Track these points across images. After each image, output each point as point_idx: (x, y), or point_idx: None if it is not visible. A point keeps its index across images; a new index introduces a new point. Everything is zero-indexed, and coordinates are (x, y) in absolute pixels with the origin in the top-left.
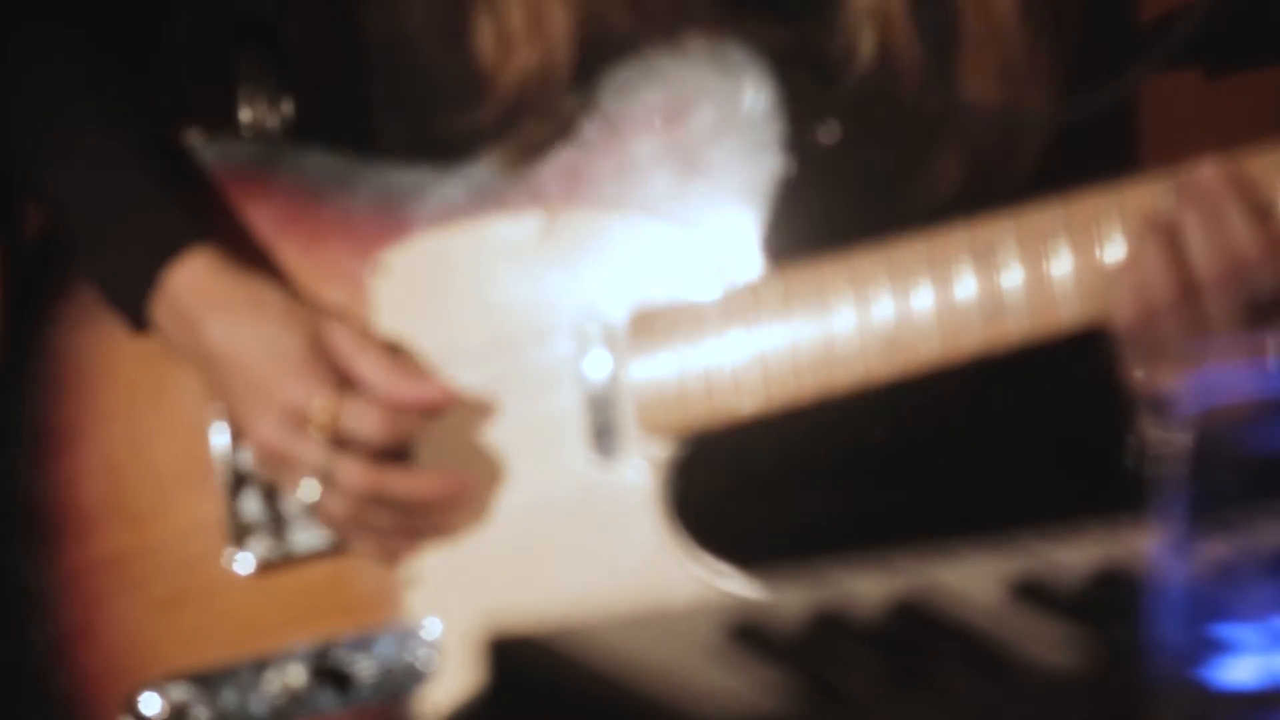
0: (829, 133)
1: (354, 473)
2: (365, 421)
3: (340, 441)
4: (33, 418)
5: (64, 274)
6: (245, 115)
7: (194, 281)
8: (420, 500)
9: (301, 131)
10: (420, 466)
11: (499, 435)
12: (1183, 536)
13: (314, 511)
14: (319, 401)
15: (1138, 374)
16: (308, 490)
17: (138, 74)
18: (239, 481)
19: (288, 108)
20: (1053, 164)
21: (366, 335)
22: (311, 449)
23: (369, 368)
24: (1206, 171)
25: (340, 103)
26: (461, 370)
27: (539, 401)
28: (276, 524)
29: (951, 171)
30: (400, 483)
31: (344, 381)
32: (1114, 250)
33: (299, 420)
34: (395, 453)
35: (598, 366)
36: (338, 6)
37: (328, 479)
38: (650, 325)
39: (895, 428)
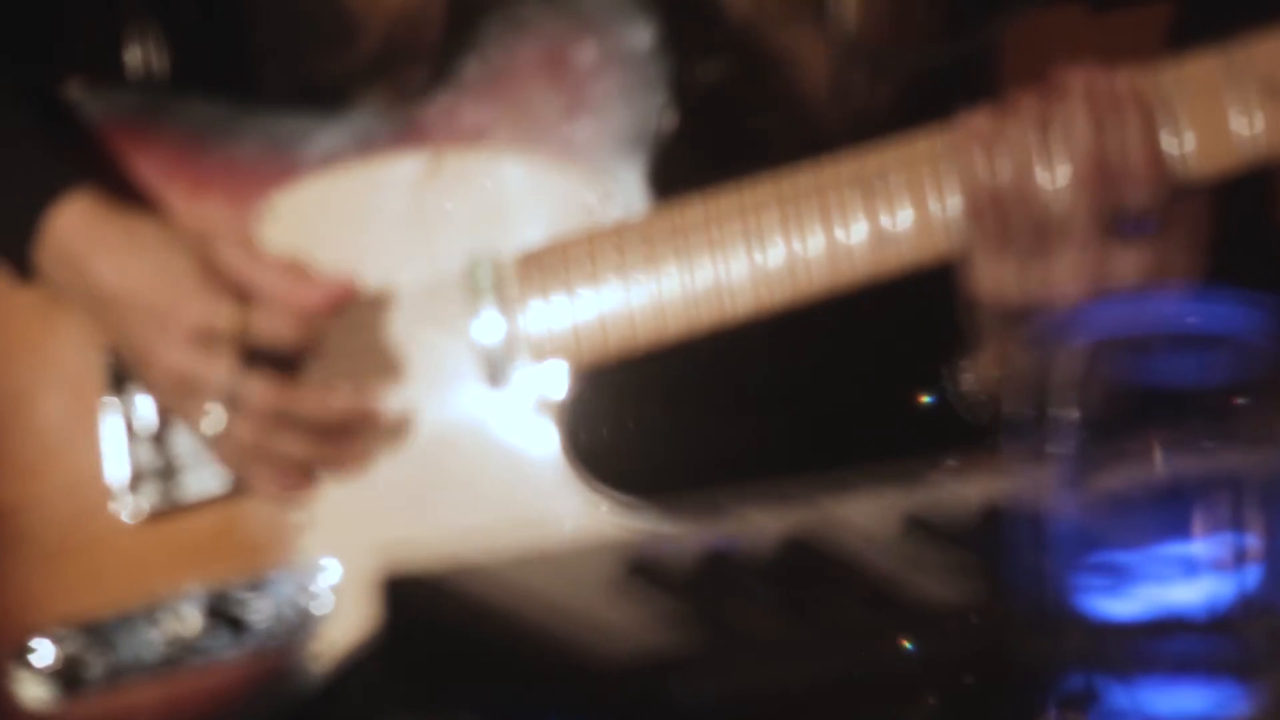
0: (711, 70)
1: (263, 391)
2: (275, 326)
3: (248, 359)
4: None
5: None
6: (131, 60)
7: (76, 224)
8: (330, 416)
9: (184, 80)
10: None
11: (393, 376)
12: (1065, 469)
13: (218, 446)
14: (225, 313)
15: (984, 279)
16: (213, 421)
17: (12, 26)
18: (128, 429)
19: (167, 57)
20: (931, 98)
21: (256, 246)
22: (221, 368)
23: (266, 275)
24: (1103, 74)
25: (221, 50)
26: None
27: (432, 341)
28: (166, 471)
29: (832, 108)
30: (309, 399)
31: (243, 294)
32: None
33: (206, 339)
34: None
35: (490, 305)
36: None
37: (235, 401)
38: (539, 264)
39: (784, 358)
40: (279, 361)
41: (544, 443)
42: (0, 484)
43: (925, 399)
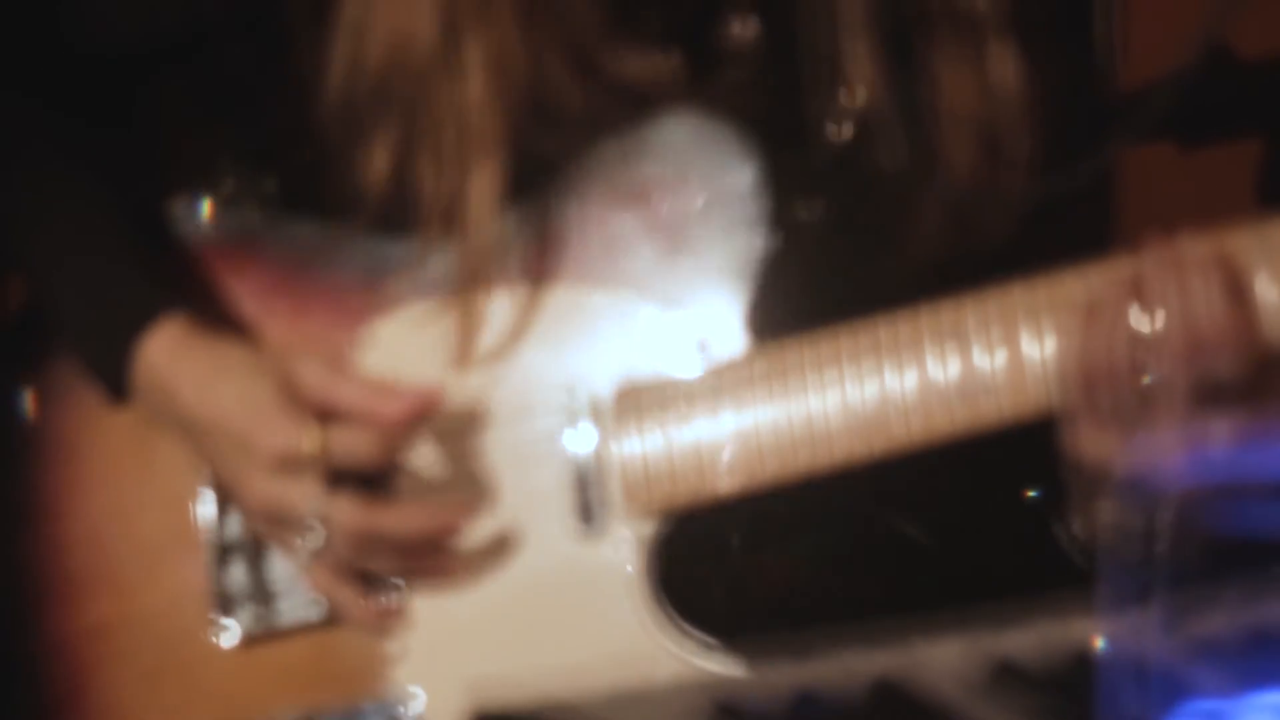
0: (811, 209)
1: (349, 511)
2: (356, 443)
3: (334, 480)
4: (19, 489)
5: (48, 346)
6: (227, 186)
7: (167, 349)
8: (415, 533)
9: (288, 201)
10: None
11: (486, 508)
12: (1162, 614)
13: (310, 571)
14: (307, 436)
15: (1084, 443)
16: (313, 538)
17: (118, 145)
18: (225, 552)
19: (270, 180)
20: (1030, 233)
21: (337, 366)
22: (307, 491)
23: (347, 394)
24: (1190, 243)
25: (326, 175)
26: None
27: (525, 476)
28: (262, 595)
29: (931, 243)
30: (394, 517)
31: (325, 415)
32: None
33: (290, 464)
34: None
35: (583, 441)
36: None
37: (324, 523)
38: (635, 401)
39: (878, 500)
40: (370, 486)
41: (633, 581)
42: (99, 601)
43: (1030, 493)
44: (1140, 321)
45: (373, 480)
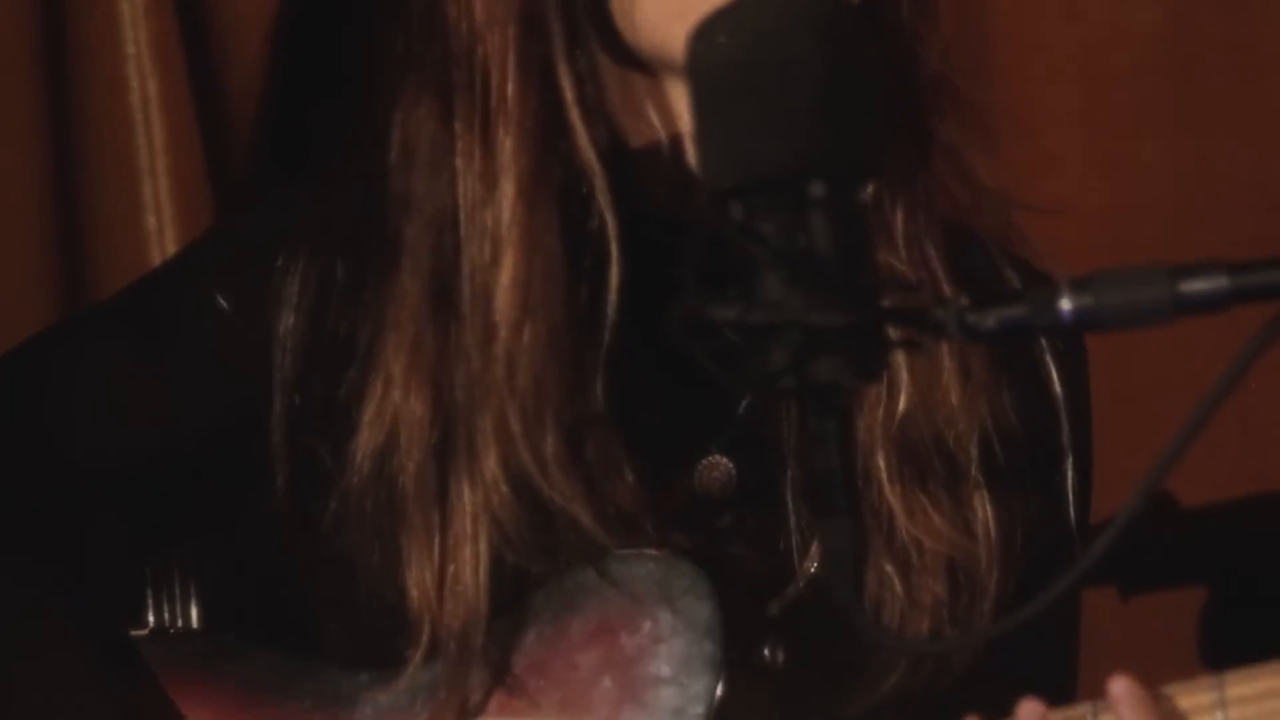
0: (773, 652)
1: None
2: None
3: None
4: None
5: None
6: (179, 613)
7: None
8: None
9: (241, 631)
10: None
11: None
12: None
13: None
14: None
15: None
16: None
17: (81, 570)
18: None
19: (225, 608)
20: (990, 664)
21: None
22: None
23: None
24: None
25: (282, 604)
26: None
27: None
28: None
29: (893, 682)
30: None
31: None
32: None
33: None
34: None
35: None
36: (281, 530)
37: None
38: None
39: None
40: None
41: None
42: None
43: None
44: None
45: None
